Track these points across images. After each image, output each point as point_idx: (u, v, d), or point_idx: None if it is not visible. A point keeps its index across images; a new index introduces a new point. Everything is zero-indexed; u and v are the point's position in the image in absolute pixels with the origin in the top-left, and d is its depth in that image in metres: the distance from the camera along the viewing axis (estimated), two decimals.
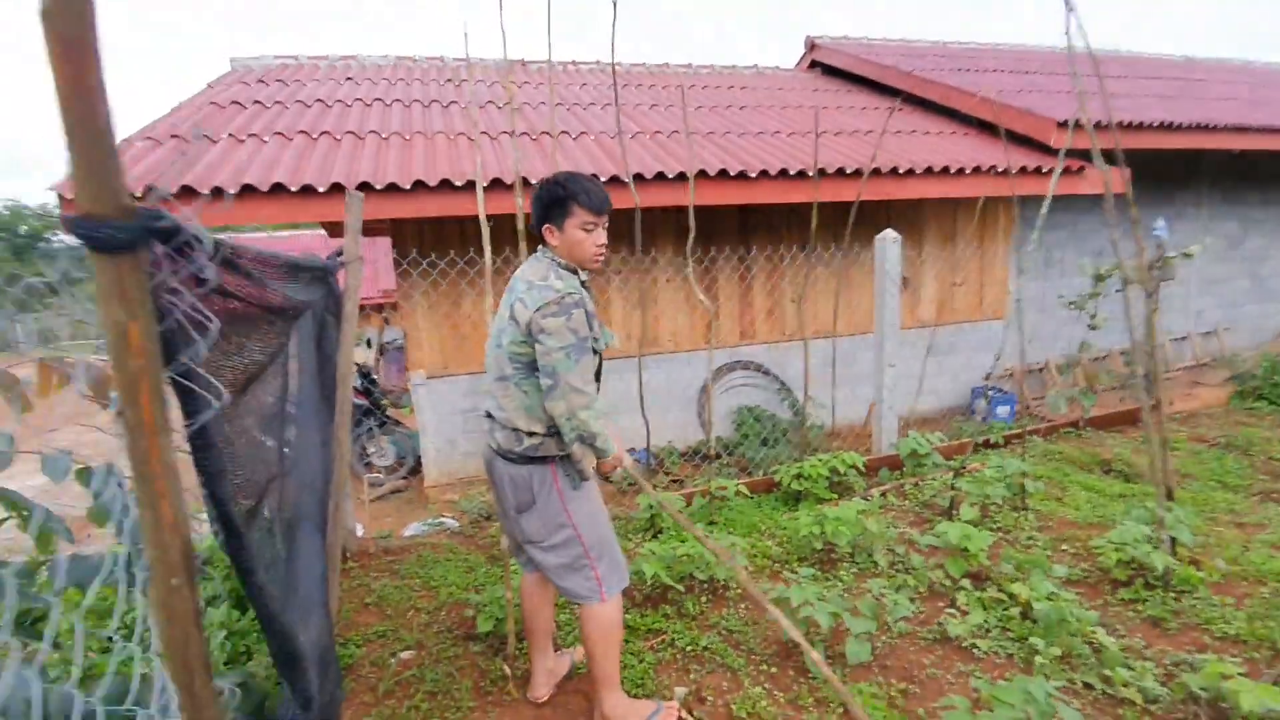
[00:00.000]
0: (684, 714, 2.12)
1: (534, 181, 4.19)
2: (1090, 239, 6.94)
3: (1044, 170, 5.42)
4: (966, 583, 2.72)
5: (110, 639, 1.22)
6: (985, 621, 2.50)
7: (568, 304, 1.78)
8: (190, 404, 0.96)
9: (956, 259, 6.37)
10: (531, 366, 1.84)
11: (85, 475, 1.17)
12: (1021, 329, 3.61)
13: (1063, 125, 5.59)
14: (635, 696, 2.20)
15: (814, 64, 8.88)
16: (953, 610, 2.60)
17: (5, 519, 1.24)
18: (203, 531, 1.75)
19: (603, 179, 4.40)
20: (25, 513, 1.19)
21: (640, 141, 5.31)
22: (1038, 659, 2.25)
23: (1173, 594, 2.60)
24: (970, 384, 6.67)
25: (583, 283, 1.92)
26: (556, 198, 1.88)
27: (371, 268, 14.05)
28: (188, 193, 3.73)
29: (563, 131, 5.34)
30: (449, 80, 6.80)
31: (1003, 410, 6.14)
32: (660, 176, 4.55)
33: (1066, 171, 5.39)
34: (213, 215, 3.81)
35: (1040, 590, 2.45)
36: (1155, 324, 5.50)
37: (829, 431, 5.41)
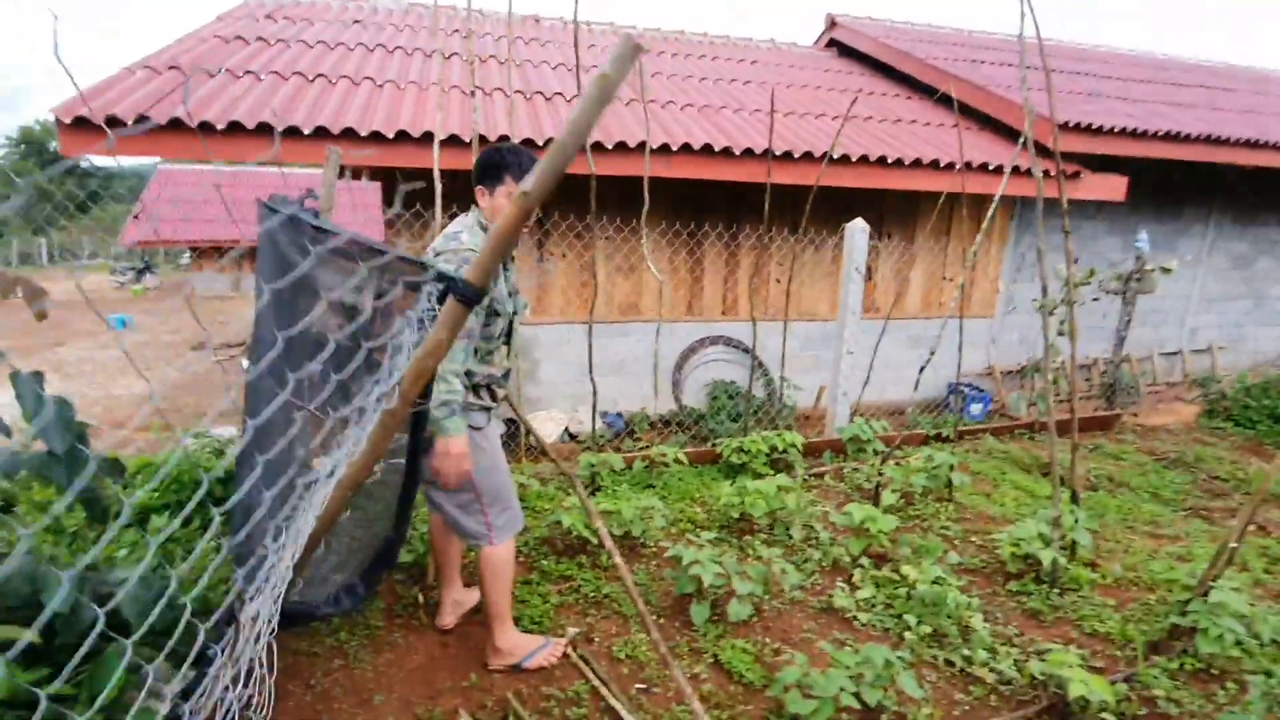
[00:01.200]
0: (569, 650, 2.30)
1: (491, 138, 4.29)
2: (1090, 245, 6.89)
3: (1049, 174, 5.37)
4: (866, 561, 2.86)
5: None
6: (873, 598, 2.65)
7: (464, 257, 1.86)
8: None
9: (949, 254, 6.37)
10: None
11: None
12: (986, 329, 3.67)
13: (1064, 127, 5.53)
14: (533, 633, 2.39)
15: (832, 42, 8.74)
16: (845, 585, 2.75)
17: None
18: None
19: (608, 146, 4.47)
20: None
21: (634, 110, 5.33)
22: (908, 635, 2.40)
23: (1058, 590, 2.73)
24: (949, 379, 6.72)
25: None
26: (493, 163, 2.02)
27: (365, 212, 14.19)
28: (176, 125, 3.86)
29: (556, 93, 5.37)
30: (456, 31, 6.81)
31: (976, 408, 6.20)
32: (643, 145, 4.60)
33: (1063, 175, 5.34)
34: (201, 150, 3.94)
35: (928, 574, 2.59)
36: (1125, 336, 5.53)
37: (801, 414, 5.52)
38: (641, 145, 4.60)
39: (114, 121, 3.81)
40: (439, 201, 2.64)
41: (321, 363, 1.23)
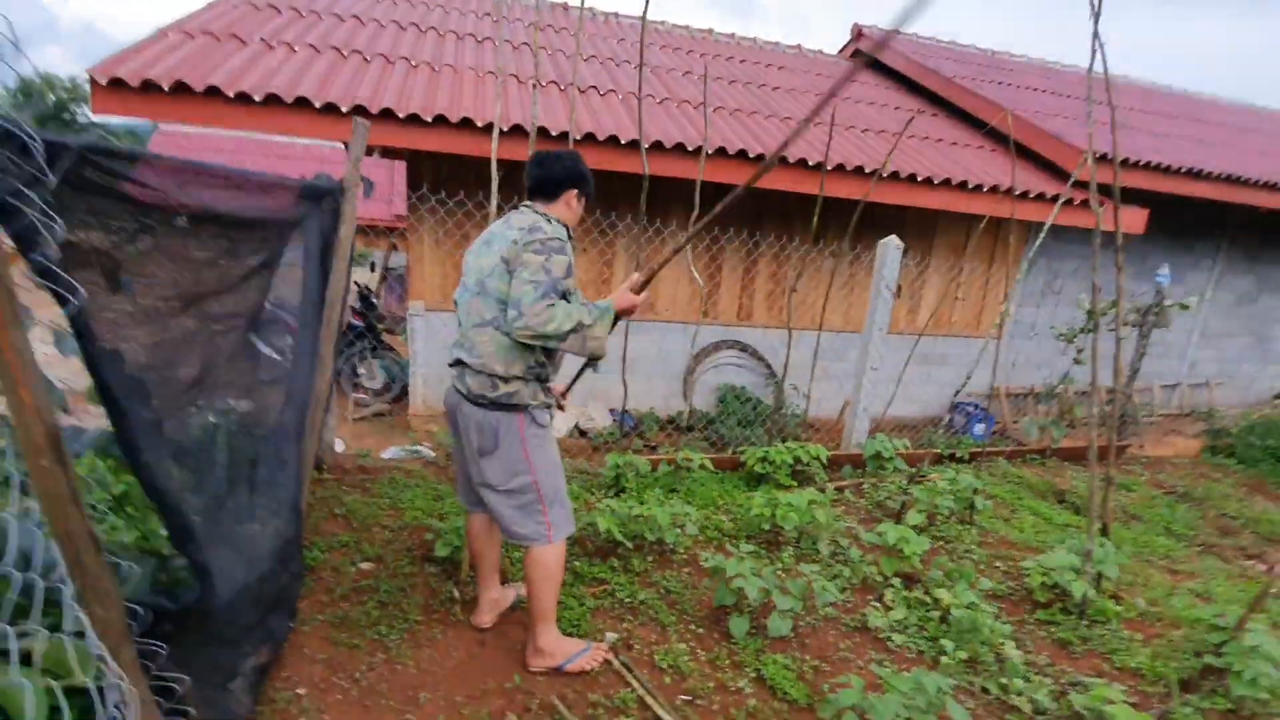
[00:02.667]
0: (610, 656, 2.29)
1: (553, 132, 4.25)
2: (1102, 274, 6.94)
3: (1073, 202, 5.40)
4: (897, 581, 2.87)
5: None
6: (906, 619, 2.66)
7: (551, 246, 1.88)
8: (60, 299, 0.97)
9: (962, 273, 6.41)
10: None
11: None
12: (997, 351, 3.70)
13: (1097, 160, 5.57)
14: (571, 636, 2.37)
15: (857, 53, 8.74)
16: (878, 604, 2.76)
17: None
18: None
19: (621, 141, 4.44)
20: None
21: (666, 109, 5.31)
22: (944, 659, 2.42)
23: (1086, 622, 2.76)
24: (953, 397, 6.78)
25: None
26: (583, 175, 2.10)
27: (387, 189, 14.00)
28: (213, 93, 3.78)
29: (590, 86, 5.33)
30: (487, 14, 6.73)
31: (979, 428, 6.26)
32: (679, 148, 4.58)
33: (1084, 204, 5.40)
34: (238, 120, 3.86)
35: (962, 598, 2.61)
36: (1139, 368, 5.59)
37: (805, 421, 5.54)
38: (677, 146, 4.58)
39: (150, 85, 3.73)
40: (495, 188, 2.60)
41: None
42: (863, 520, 3.57)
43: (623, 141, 4.44)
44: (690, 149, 4.59)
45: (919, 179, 5.11)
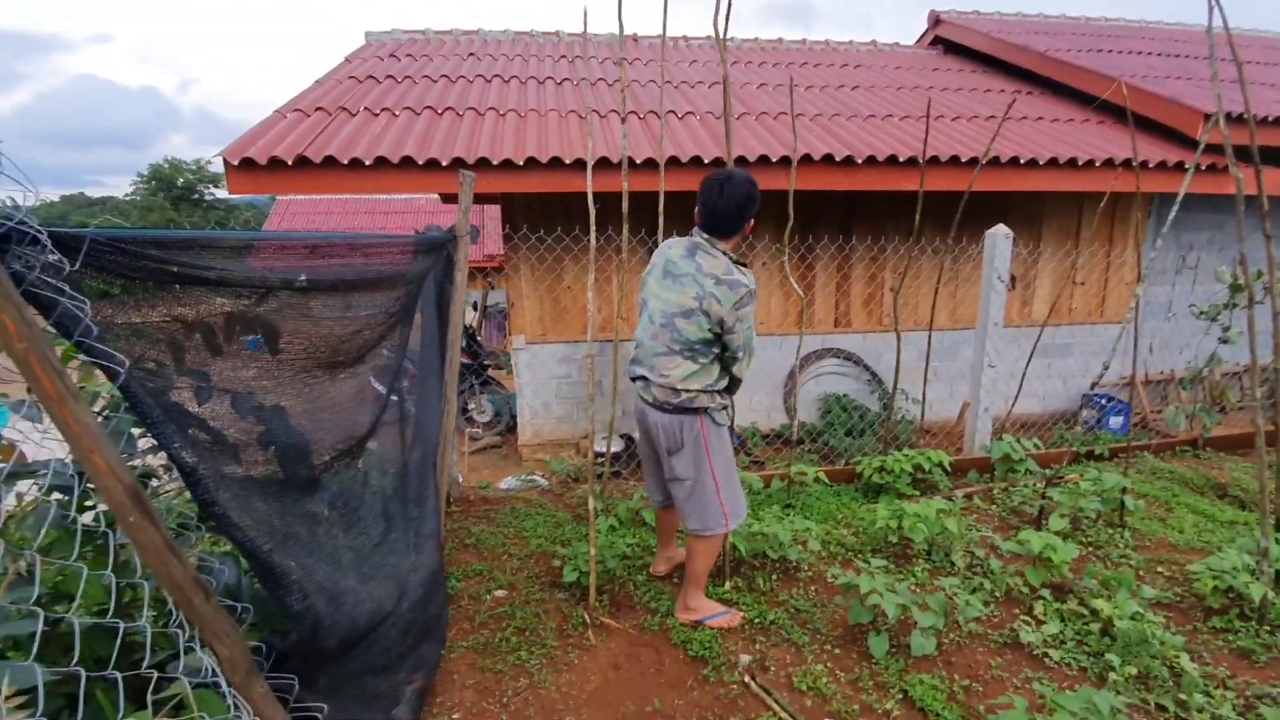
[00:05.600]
0: (748, 680, 2.26)
1: (638, 160, 4.35)
2: (1235, 245, 6.29)
3: (1186, 166, 4.97)
4: (1046, 593, 2.68)
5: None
6: (1061, 633, 2.47)
7: (751, 297, 2.20)
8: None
9: (1079, 256, 5.97)
10: (710, 345, 2.25)
11: None
12: (1136, 336, 3.41)
13: (1210, 118, 5.09)
14: (700, 660, 2.37)
15: (936, 40, 8.43)
16: (1028, 618, 2.58)
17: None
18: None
19: (705, 160, 4.48)
20: None
21: (745, 123, 5.31)
22: (1112, 675, 2.22)
23: (1268, 628, 2.46)
24: (1081, 390, 6.28)
25: None
26: (757, 199, 2.28)
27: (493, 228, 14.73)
28: (330, 163, 4.14)
29: (669, 111, 5.42)
30: (563, 57, 7.01)
31: (1115, 421, 5.76)
32: (763, 160, 4.56)
33: (1211, 169, 4.92)
34: (354, 184, 4.21)
35: (1124, 608, 2.40)
36: None
37: (919, 427, 5.30)
38: (761, 159, 4.57)
39: (276, 162, 4.13)
40: (593, 223, 2.69)
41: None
42: (997, 528, 3.36)
43: (706, 161, 4.47)
44: (774, 160, 4.56)
45: (1022, 161, 4.83)
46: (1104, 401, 5.84)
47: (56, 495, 1.43)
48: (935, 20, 8.33)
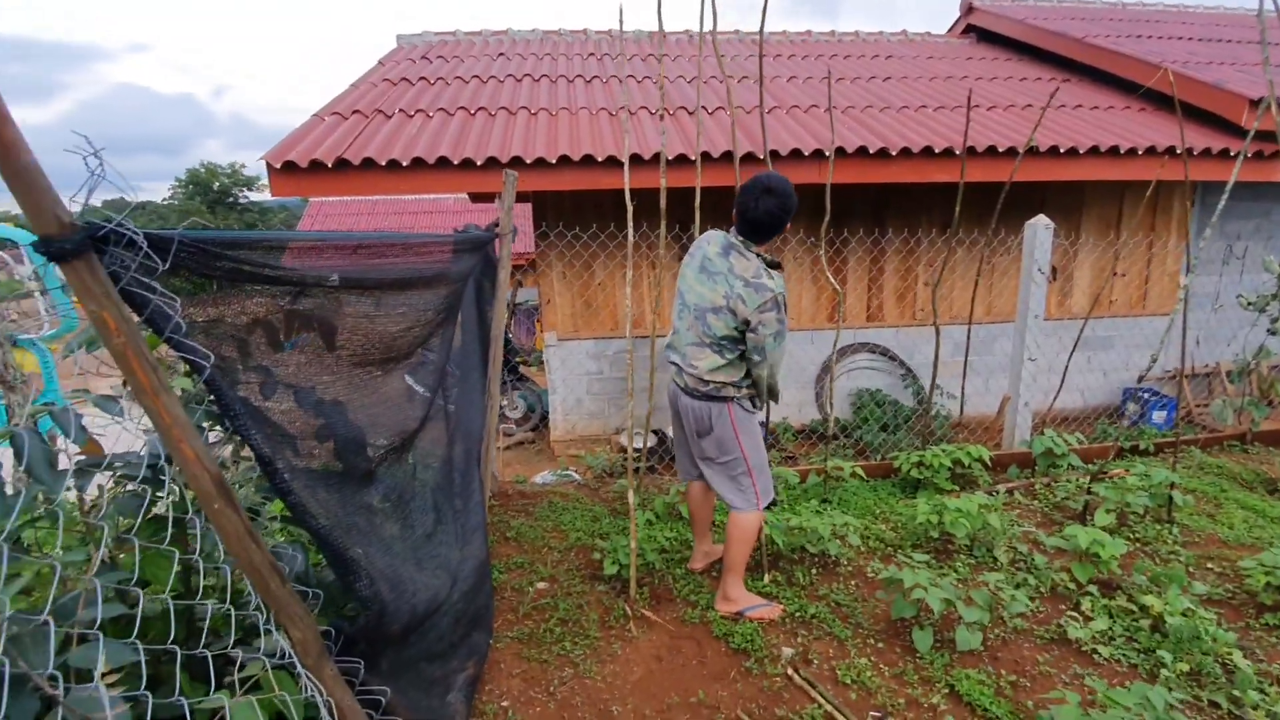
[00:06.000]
0: (791, 673, 2.27)
1: (670, 157, 4.36)
2: None
3: (1232, 154, 4.83)
4: (1093, 589, 2.64)
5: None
6: (1110, 629, 2.44)
7: (779, 301, 2.24)
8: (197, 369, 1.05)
9: (1119, 247, 5.83)
10: (736, 342, 2.32)
11: None
12: (1184, 328, 3.33)
13: (1257, 104, 4.93)
14: (743, 652, 2.39)
15: (969, 28, 8.28)
16: (1075, 614, 2.55)
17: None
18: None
19: (738, 155, 4.47)
20: None
21: (776, 117, 5.28)
22: (1163, 672, 2.19)
23: None
24: (1123, 384, 6.15)
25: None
26: (791, 210, 2.29)
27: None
28: (368, 164, 4.22)
29: (699, 106, 5.40)
30: (591, 54, 7.04)
31: (1158, 415, 5.62)
32: (796, 154, 4.54)
33: (1258, 156, 4.77)
34: (391, 185, 4.29)
35: (1175, 604, 2.35)
36: None
37: (955, 422, 5.23)
38: (794, 153, 4.55)
39: (316, 164, 4.22)
40: (630, 220, 2.71)
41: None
42: (1040, 524, 3.32)
43: (738, 155, 4.46)
44: (806, 153, 4.53)
45: (1062, 150, 4.73)
46: (1147, 395, 5.71)
47: (130, 486, 1.50)
48: (968, 8, 8.18)
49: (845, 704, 2.12)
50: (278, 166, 4.23)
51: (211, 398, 1.10)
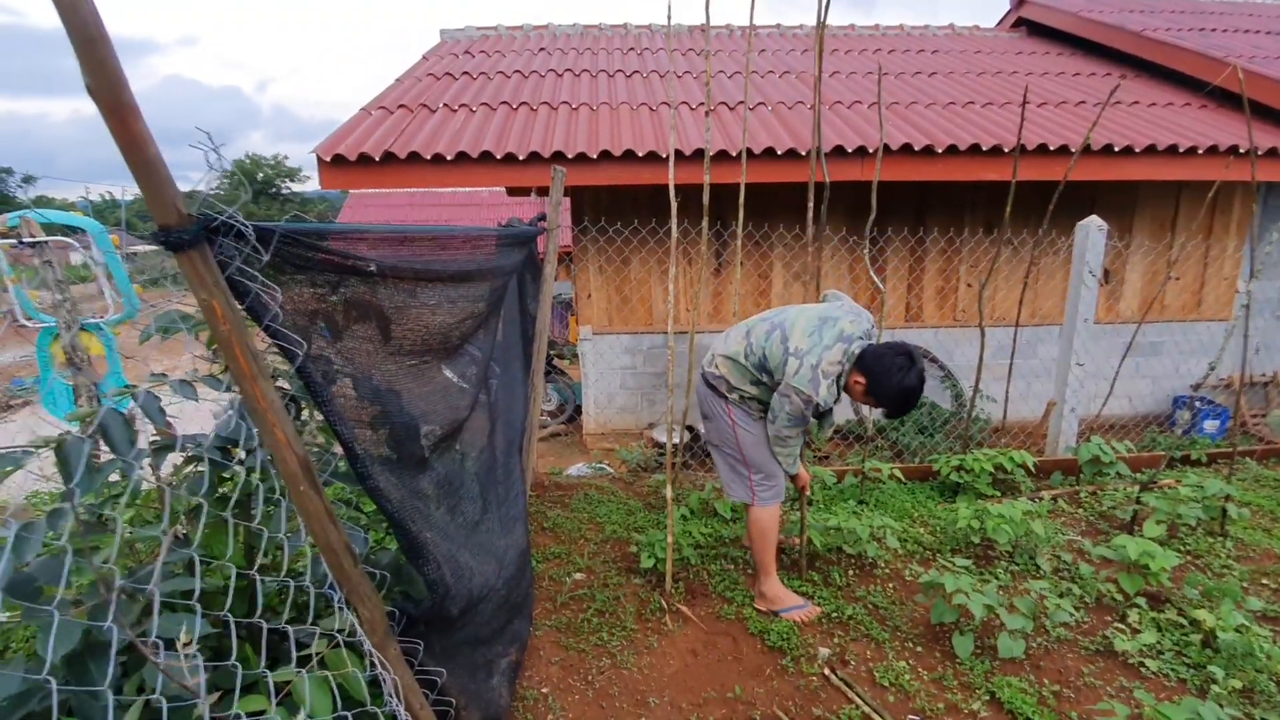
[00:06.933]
0: (829, 673, 2.27)
1: (711, 152, 4.35)
2: None
3: None
4: (1141, 601, 2.57)
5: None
6: (1158, 643, 2.38)
7: (809, 401, 2.27)
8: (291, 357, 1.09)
9: (1174, 250, 5.64)
10: (762, 370, 2.40)
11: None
12: (1246, 334, 3.21)
13: None
14: (779, 650, 2.39)
15: (1019, 21, 8.05)
16: (1121, 626, 2.49)
17: None
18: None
19: (779, 152, 4.44)
20: None
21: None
22: (1214, 688, 2.13)
23: None
24: (1173, 391, 5.95)
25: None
26: (888, 392, 2.28)
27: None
28: (414, 158, 4.30)
29: (739, 102, 5.38)
30: (630, 49, 7.04)
31: (1210, 425, 5.44)
32: (838, 150, 4.49)
33: None
34: (436, 179, 4.36)
35: (1229, 620, 2.28)
36: None
37: (995, 427, 5.13)
38: (836, 149, 4.49)
39: (364, 158, 4.31)
40: (674, 215, 2.71)
41: None
42: (1084, 533, 3.24)
43: (779, 152, 4.44)
44: (850, 150, 4.48)
45: (1116, 149, 4.59)
46: (1199, 403, 5.52)
47: (201, 466, 1.57)
48: (1018, 1, 7.96)
49: (883, 706, 2.11)
50: (328, 160, 4.33)
51: (303, 385, 1.15)
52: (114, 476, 1.37)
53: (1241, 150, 4.63)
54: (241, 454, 1.55)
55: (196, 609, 1.20)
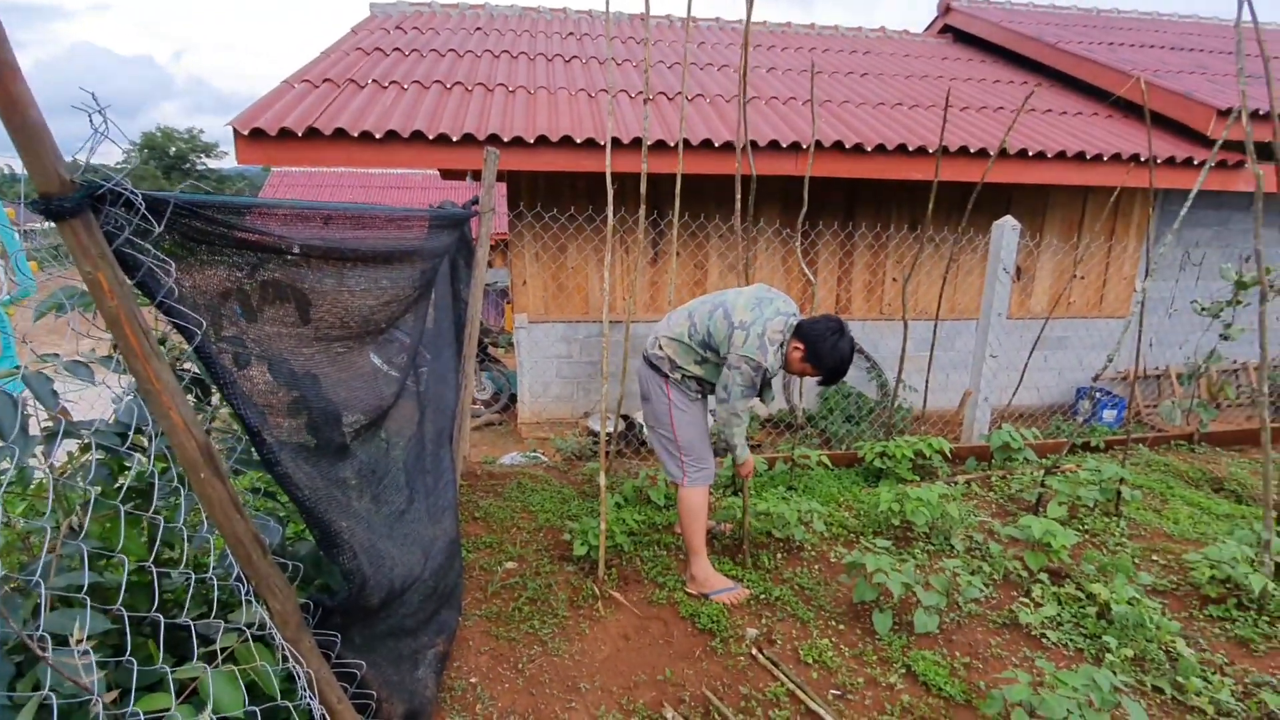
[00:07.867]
0: (755, 652, 2.32)
1: (649, 141, 4.35)
2: (1239, 242, 6.35)
3: (1196, 163, 5.00)
4: (1044, 577, 2.75)
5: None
6: (1058, 615, 2.55)
7: (759, 367, 2.36)
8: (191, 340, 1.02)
9: (1080, 250, 6.02)
10: (706, 348, 2.49)
11: None
12: (1140, 330, 3.47)
13: (1225, 114, 5.11)
14: (709, 632, 2.43)
15: (946, 28, 8.40)
16: (1026, 600, 2.65)
17: None
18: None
19: (715, 144, 4.48)
20: None
21: (755, 107, 5.29)
22: (1109, 657, 2.30)
23: (1267, 618, 2.54)
24: (1076, 383, 6.38)
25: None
26: (829, 372, 2.43)
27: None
28: (340, 135, 4.11)
29: (678, 93, 5.39)
30: (570, 34, 6.94)
31: (1109, 414, 5.86)
32: (773, 145, 4.56)
33: (1221, 165, 4.96)
34: (364, 158, 4.18)
35: (1121, 593, 2.47)
36: None
37: (916, 415, 5.36)
38: (771, 144, 4.57)
39: (285, 133, 4.09)
40: (611, 203, 2.70)
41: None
42: (995, 514, 3.43)
43: (716, 145, 4.47)
44: (784, 145, 4.56)
45: (1030, 154, 4.85)
46: (1099, 394, 5.93)
47: (98, 455, 1.46)
48: (945, 8, 8.29)
49: (807, 682, 2.18)
50: (245, 133, 4.09)
51: (201, 365, 1.07)
52: (2, 464, 1.25)
53: (1142, 158, 4.98)
54: (145, 441, 1.45)
55: (85, 603, 1.11)
